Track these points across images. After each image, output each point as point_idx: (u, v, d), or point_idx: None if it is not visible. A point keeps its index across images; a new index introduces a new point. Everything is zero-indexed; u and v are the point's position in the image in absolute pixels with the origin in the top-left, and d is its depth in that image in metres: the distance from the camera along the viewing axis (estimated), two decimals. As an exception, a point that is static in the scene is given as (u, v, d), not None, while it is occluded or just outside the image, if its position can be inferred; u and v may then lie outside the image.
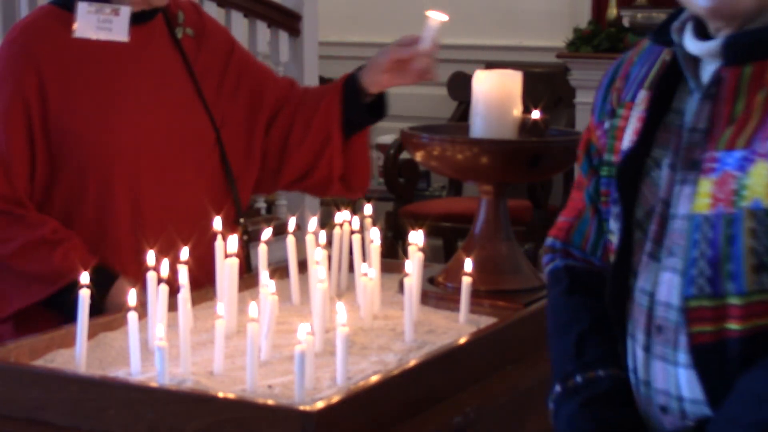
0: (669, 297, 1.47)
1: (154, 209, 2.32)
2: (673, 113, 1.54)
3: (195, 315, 2.11)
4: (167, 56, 2.41)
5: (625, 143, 1.58)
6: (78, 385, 1.73)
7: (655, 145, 1.54)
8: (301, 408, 1.59)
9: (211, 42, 2.49)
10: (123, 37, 2.33)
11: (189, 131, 2.39)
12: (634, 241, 1.54)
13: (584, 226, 1.69)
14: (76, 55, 2.30)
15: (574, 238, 1.71)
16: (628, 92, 1.61)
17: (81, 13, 2.31)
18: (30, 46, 2.28)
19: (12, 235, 2.22)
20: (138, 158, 2.30)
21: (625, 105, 1.60)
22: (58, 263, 2.20)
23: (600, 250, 1.67)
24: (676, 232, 1.47)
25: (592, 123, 1.68)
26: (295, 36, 5.02)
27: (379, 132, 6.46)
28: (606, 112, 1.64)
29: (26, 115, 2.25)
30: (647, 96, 1.57)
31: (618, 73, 1.65)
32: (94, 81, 2.30)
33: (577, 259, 1.70)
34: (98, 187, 2.29)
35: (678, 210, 1.47)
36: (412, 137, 2.28)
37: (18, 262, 2.22)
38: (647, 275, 1.50)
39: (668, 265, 1.47)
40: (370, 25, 6.50)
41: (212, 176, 2.43)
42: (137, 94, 2.33)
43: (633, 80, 1.61)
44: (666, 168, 1.51)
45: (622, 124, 1.60)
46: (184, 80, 2.41)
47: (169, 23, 2.43)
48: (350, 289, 2.31)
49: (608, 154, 1.61)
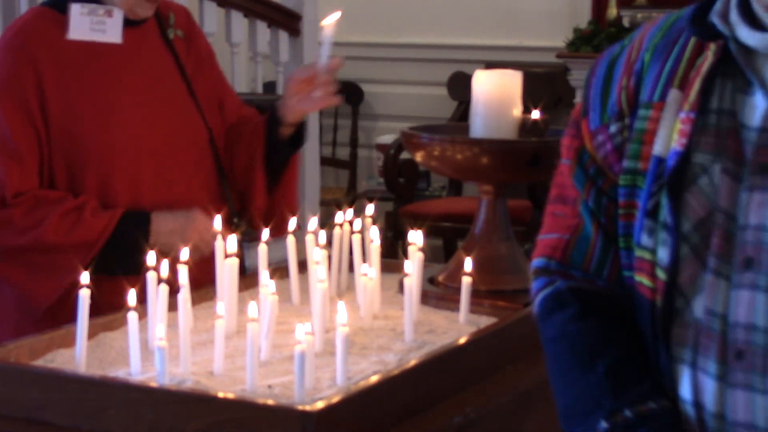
0: (752, 317, 1.31)
1: (153, 207, 2.33)
2: (719, 114, 1.39)
3: (195, 315, 2.11)
4: (160, 56, 2.43)
5: (659, 148, 1.41)
6: (78, 385, 1.73)
7: (697, 149, 1.38)
8: (301, 408, 1.58)
9: (197, 46, 2.52)
10: (116, 38, 2.34)
11: (184, 130, 2.41)
12: (681, 258, 1.37)
13: (584, 244, 1.51)
14: (71, 55, 2.31)
15: (573, 258, 1.51)
16: (651, 90, 1.44)
17: (74, 15, 2.31)
18: (27, 47, 2.29)
19: (41, 215, 2.24)
20: (136, 156, 2.32)
21: (653, 105, 1.44)
22: (92, 223, 2.24)
23: (607, 270, 1.49)
24: (750, 245, 1.32)
25: (587, 128, 1.51)
26: (295, 36, 5.02)
27: (379, 132, 6.47)
28: (612, 115, 1.48)
29: (31, 116, 2.26)
30: (696, 95, 1.40)
31: (618, 70, 1.49)
32: (89, 81, 2.32)
33: (578, 280, 1.50)
34: (98, 185, 2.30)
35: (749, 220, 1.33)
36: (412, 137, 2.28)
37: (58, 238, 2.23)
38: (715, 295, 1.34)
39: (745, 282, 1.32)
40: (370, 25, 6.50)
41: (208, 176, 2.45)
42: (132, 94, 2.35)
43: (655, 77, 1.45)
44: (720, 174, 1.36)
45: (651, 127, 1.43)
46: (177, 80, 2.44)
47: (161, 24, 2.45)
48: (350, 289, 2.31)
49: (630, 161, 1.44)
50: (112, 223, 2.25)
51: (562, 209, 1.54)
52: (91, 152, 2.29)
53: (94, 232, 2.24)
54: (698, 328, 1.35)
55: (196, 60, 2.50)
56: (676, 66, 1.43)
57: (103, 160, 2.29)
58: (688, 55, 1.43)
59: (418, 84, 6.40)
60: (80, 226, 2.24)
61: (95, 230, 2.24)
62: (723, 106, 1.38)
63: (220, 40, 4.96)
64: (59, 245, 2.22)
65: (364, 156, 6.55)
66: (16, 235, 2.23)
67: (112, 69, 2.34)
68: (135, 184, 2.32)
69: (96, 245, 2.24)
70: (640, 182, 1.43)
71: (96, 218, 2.25)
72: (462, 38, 6.27)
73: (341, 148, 6.51)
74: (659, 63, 1.44)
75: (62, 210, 2.24)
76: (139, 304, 1.92)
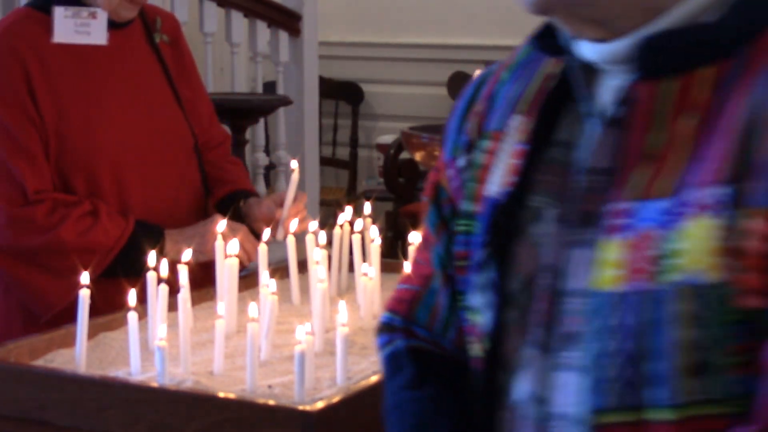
0: (570, 406, 1.07)
1: (141, 206, 2.33)
2: (558, 147, 1.13)
3: (195, 315, 2.11)
4: (146, 59, 2.43)
5: (493, 187, 1.17)
6: (78, 385, 1.73)
7: (533, 190, 1.13)
8: (301, 408, 1.58)
9: (181, 53, 2.52)
10: (101, 40, 2.33)
11: (170, 131, 2.42)
12: (507, 323, 1.13)
13: (431, 299, 1.27)
14: (56, 57, 2.31)
15: (418, 314, 1.29)
16: (495, 118, 1.20)
17: (58, 18, 2.31)
18: (14, 47, 2.29)
19: (60, 216, 2.24)
20: (121, 158, 2.32)
21: (491, 135, 1.20)
22: (109, 227, 2.24)
23: (452, 332, 1.26)
24: (569, 315, 1.07)
25: (442, 160, 1.28)
26: (295, 36, 5.02)
27: (379, 132, 6.46)
28: (461, 145, 1.24)
29: (30, 116, 2.26)
30: (526, 122, 1.16)
31: (479, 93, 1.25)
32: (75, 83, 2.31)
33: (422, 340, 1.28)
34: (86, 187, 2.29)
35: (572, 282, 1.08)
36: (412, 137, 2.28)
37: (75, 239, 2.23)
38: (534, 374, 1.10)
39: (567, 362, 1.07)
40: (370, 25, 6.50)
41: (193, 178, 2.46)
42: (118, 95, 2.35)
43: (502, 102, 1.21)
44: (552, 222, 1.11)
45: (486, 161, 1.19)
46: (162, 83, 2.44)
47: (147, 28, 2.45)
48: (350, 289, 2.31)
49: (467, 203, 1.20)
50: (128, 229, 2.25)
51: (419, 255, 1.32)
52: (78, 153, 2.29)
53: (110, 237, 2.24)
54: (515, 413, 1.13)
55: (182, 66, 2.50)
56: (525, 88, 1.19)
57: (90, 162, 2.29)
58: (541, 76, 1.19)
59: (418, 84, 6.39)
60: (96, 228, 2.24)
61: (111, 236, 2.25)
62: (565, 137, 1.13)
63: (220, 40, 4.95)
64: (75, 246, 2.22)
65: (364, 156, 6.55)
66: (35, 234, 2.23)
67: (98, 70, 2.34)
68: (121, 186, 2.32)
69: (112, 251, 2.24)
70: (474, 228, 1.19)
71: (113, 223, 2.26)
72: (462, 38, 6.27)
73: (341, 148, 6.50)
74: (512, 85, 1.21)
75: (80, 212, 2.24)
76: (139, 304, 1.92)
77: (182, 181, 2.42)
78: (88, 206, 2.26)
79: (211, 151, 2.54)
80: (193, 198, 2.44)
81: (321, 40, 5.26)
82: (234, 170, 2.57)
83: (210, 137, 2.54)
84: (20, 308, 2.30)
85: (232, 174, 2.54)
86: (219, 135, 2.59)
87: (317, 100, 5.13)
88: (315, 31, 5.08)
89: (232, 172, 2.55)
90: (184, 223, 2.35)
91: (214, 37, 4.70)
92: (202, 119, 2.54)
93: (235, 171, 2.57)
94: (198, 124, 2.50)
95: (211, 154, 2.54)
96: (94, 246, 2.23)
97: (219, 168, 2.53)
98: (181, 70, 2.50)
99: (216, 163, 2.53)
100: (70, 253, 2.21)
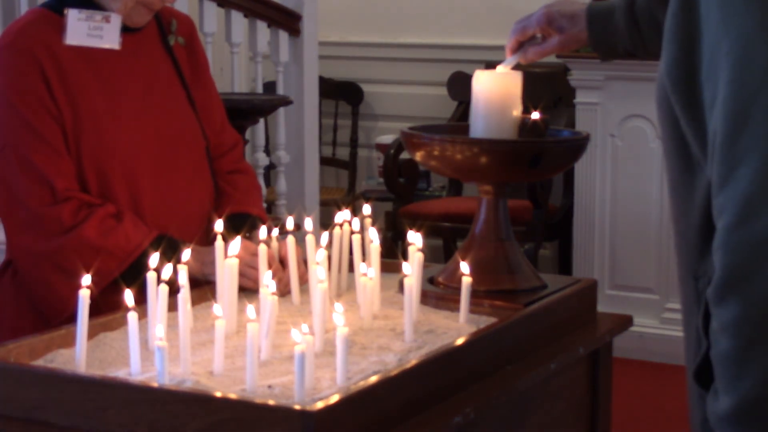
0: None
1: (153, 211, 2.33)
2: None
3: (195, 315, 2.11)
4: (159, 63, 2.43)
5: None
6: (78, 385, 1.73)
7: None
8: (301, 408, 1.58)
9: (196, 55, 2.53)
10: (114, 44, 2.34)
11: (182, 136, 2.42)
12: None
13: None
14: (70, 58, 2.31)
15: None
16: None
17: (71, 20, 2.31)
18: (29, 48, 2.29)
19: (84, 215, 2.24)
20: (134, 162, 2.32)
21: None
22: (130, 233, 2.25)
23: None
24: None
25: None
26: (295, 36, 5.02)
27: (379, 132, 6.46)
28: None
29: (52, 114, 2.26)
30: None
31: None
32: (87, 85, 2.32)
33: None
34: (98, 190, 2.29)
35: None
36: (412, 137, 2.28)
37: (96, 239, 2.23)
38: None
39: None
40: (370, 25, 6.50)
41: (205, 181, 2.46)
42: (131, 99, 2.35)
43: None
44: None
45: None
46: (176, 86, 2.44)
47: (162, 30, 2.44)
48: (350, 289, 2.31)
49: None
50: (148, 238, 2.25)
51: None
52: (90, 153, 2.29)
53: (131, 242, 2.25)
54: None
55: (195, 69, 2.50)
56: None
57: (102, 165, 2.30)
58: None
59: (418, 84, 6.39)
60: (118, 231, 2.24)
61: (132, 241, 2.25)
62: None
63: (220, 40, 4.96)
64: (95, 244, 2.22)
65: (364, 156, 6.55)
66: (59, 233, 2.23)
67: (111, 74, 2.34)
68: (133, 190, 2.32)
69: (130, 257, 2.24)
70: None
71: (136, 229, 2.26)
72: (462, 38, 6.27)
73: (341, 148, 6.50)
74: None
75: (104, 213, 2.25)
76: (139, 304, 1.92)
77: (194, 185, 2.42)
78: (112, 209, 2.27)
79: (224, 157, 2.53)
80: (204, 201, 2.43)
81: (321, 40, 5.26)
82: (243, 184, 2.55)
83: (222, 140, 2.54)
84: (31, 310, 2.30)
85: (240, 190, 2.52)
86: (231, 138, 2.59)
87: (317, 100, 5.13)
88: (315, 31, 5.09)
89: (240, 186, 2.54)
90: (195, 227, 2.34)
91: (214, 37, 4.70)
92: (215, 122, 2.53)
93: (243, 184, 2.55)
94: (210, 127, 2.50)
95: (224, 161, 2.53)
96: (113, 248, 2.23)
97: (228, 182, 2.52)
98: (194, 72, 2.49)
99: (226, 175, 2.52)
100: (89, 252, 2.20)
